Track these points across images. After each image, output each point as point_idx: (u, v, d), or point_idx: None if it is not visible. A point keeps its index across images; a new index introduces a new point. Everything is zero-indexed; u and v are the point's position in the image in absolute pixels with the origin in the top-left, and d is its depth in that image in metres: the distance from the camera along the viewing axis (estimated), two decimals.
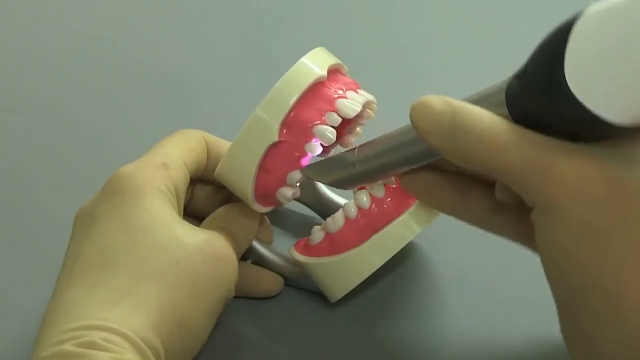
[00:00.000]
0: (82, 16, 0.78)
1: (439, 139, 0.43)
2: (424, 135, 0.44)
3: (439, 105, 0.43)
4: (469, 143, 0.42)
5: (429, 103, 0.44)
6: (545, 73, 0.39)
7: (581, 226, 0.40)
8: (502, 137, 0.41)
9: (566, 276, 0.41)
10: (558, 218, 0.40)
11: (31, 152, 0.66)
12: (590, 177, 0.40)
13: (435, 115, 0.43)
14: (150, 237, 0.48)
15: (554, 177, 0.40)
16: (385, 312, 0.55)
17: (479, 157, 0.42)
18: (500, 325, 0.54)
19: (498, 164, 0.41)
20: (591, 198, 0.39)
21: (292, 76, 0.51)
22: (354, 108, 0.51)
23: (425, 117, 0.43)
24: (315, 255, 0.54)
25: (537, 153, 0.40)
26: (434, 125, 0.43)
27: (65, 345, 0.43)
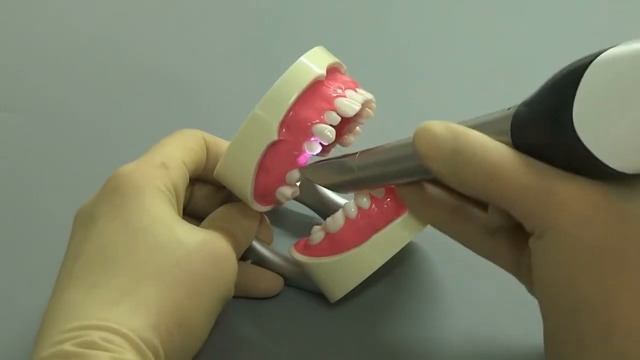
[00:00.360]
0: (82, 16, 0.78)
1: (440, 164, 0.44)
2: (426, 160, 0.44)
3: (441, 131, 0.44)
4: (469, 168, 0.43)
5: (431, 129, 0.44)
6: (554, 110, 0.40)
7: (579, 250, 0.40)
8: (503, 163, 0.42)
9: (557, 299, 0.41)
10: (557, 242, 0.41)
11: (31, 152, 0.66)
12: (591, 203, 0.40)
13: (437, 141, 0.44)
14: (150, 237, 0.48)
15: (555, 203, 0.40)
16: (385, 312, 0.55)
17: (479, 183, 0.42)
18: (500, 325, 0.54)
19: (498, 190, 0.42)
20: (591, 223, 0.40)
21: (291, 75, 0.51)
22: (353, 107, 0.51)
23: (428, 143, 0.44)
24: (315, 255, 0.54)
25: (539, 179, 0.41)
26: (436, 151, 0.44)
27: (65, 345, 0.43)
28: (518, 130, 0.42)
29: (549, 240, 0.41)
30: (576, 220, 0.40)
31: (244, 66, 0.73)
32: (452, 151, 0.43)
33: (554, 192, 0.40)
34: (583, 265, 0.40)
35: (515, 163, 0.42)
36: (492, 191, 0.42)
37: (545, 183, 0.41)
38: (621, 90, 0.38)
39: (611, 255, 0.40)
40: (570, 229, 0.40)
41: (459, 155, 0.43)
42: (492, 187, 0.42)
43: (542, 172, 0.41)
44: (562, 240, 0.40)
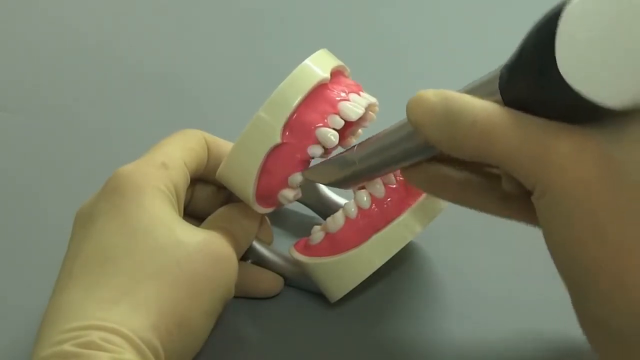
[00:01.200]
0: (82, 16, 0.78)
1: (435, 131, 0.44)
2: (419, 128, 0.44)
3: (433, 97, 0.44)
4: (462, 131, 0.42)
5: (422, 96, 0.44)
6: (537, 57, 0.40)
7: (581, 210, 0.40)
8: (495, 122, 0.41)
9: (573, 259, 0.41)
10: (558, 202, 0.40)
11: (31, 152, 0.66)
12: (585, 159, 0.40)
13: (430, 108, 0.44)
14: (150, 237, 0.48)
15: (551, 161, 0.40)
16: (385, 312, 0.55)
17: (474, 145, 0.42)
18: (500, 325, 0.54)
19: (493, 151, 0.42)
20: (587, 181, 0.40)
21: (295, 78, 0.51)
22: (356, 111, 0.51)
23: (421, 110, 0.44)
24: (315, 255, 0.54)
25: (532, 136, 0.41)
26: (429, 118, 0.44)
27: (64, 346, 0.43)
28: (506, 86, 0.42)
29: (551, 201, 0.41)
30: (575, 183, 0.40)
31: (246, 67, 0.73)
32: (444, 115, 0.43)
33: (550, 151, 0.40)
34: (588, 225, 0.40)
35: (506, 121, 0.41)
36: (487, 153, 0.42)
37: (539, 139, 0.40)
38: (600, 25, 0.38)
39: (610, 213, 0.39)
40: (569, 190, 0.40)
41: (451, 118, 0.43)
42: (487, 149, 0.42)
43: (535, 129, 0.41)
44: (563, 201, 0.40)
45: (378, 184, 0.53)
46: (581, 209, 0.40)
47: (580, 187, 0.40)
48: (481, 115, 0.42)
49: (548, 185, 0.40)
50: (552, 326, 0.54)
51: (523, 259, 0.58)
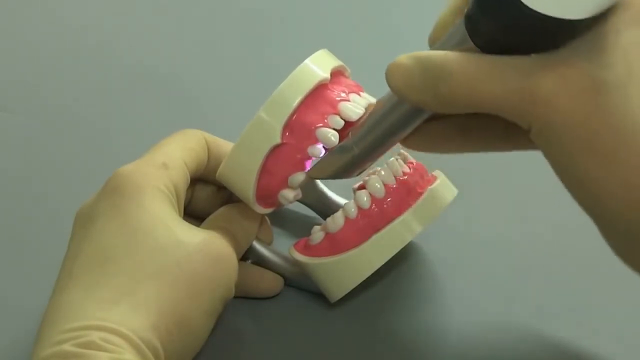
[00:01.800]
0: (82, 17, 0.78)
1: (416, 92, 0.44)
2: (402, 94, 0.44)
3: (407, 60, 0.44)
4: (443, 87, 0.43)
5: (397, 61, 0.44)
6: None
7: (579, 137, 0.40)
8: (472, 71, 0.42)
9: (582, 185, 0.41)
10: (555, 135, 0.41)
11: (31, 152, 0.66)
12: (570, 88, 0.40)
13: (406, 71, 0.44)
14: (150, 237, 0.48)
15: (539, 99, 0.40)
16: (385, 312, 0.55)
17: (458, 99, 0.42)
18: (500, 324, 0.54)
19: (479, 100, 0.42)
20: (577, 108, 0.40)
21: (296, 78, 0.51)
22: (356, 111, 0.51)
23: (398, 75, 0.44)
24: (315, 255, 0.54)
25: (513, 78, 0.41)
26: (408, 81, 0.44)
27: (64, 346, 0.43)
28: (473, 29, 0.42)
29: (548, 136, 0.41)
30: (566, 113, 0.40)
31: (245, 67, 0.73)
32: (421, 75, 0.43)
33: (534, 89, 0.40)
34: (588, 148, 0.40)
35: (483, 67, 0.42)
36: (474, 103, 0.42)
37: (522, 81, 0.41)
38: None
39: (608, 127, 0.40)
40: (562, 122, 0.40)
41: (428, 76, 0.43)
42: (472, 99, 0.42)
43: (514, 70, 0.41)
44: (559, 133, 0.41)
45: (378, 183, 0.53)
46: (578, 135, 0.40)
47: (572, 116, 0.40)
48: (457, 67, 0.42)
49: (541, 122, 0.41)
50: (552, 326, 0.54)
51: (523, 259, 0.58)
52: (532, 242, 0.59)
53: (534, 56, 0.41)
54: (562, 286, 0.56)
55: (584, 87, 0.40)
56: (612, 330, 0.54)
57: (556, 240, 0.59)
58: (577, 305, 0.55)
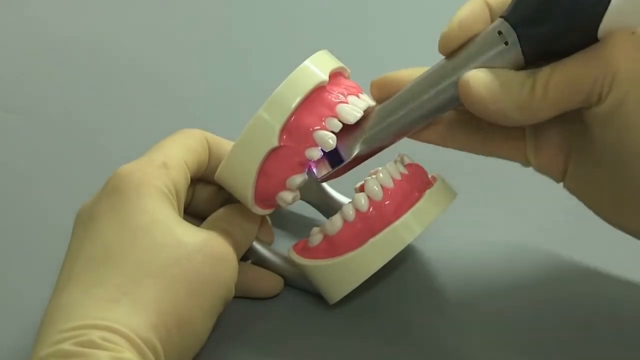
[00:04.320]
0: (82, 16, 0.78)
1: (500, 102, 0.47)
2: (484, 103, 0.47)
3: (485, 74, 0.47)
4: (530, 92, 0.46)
5: (473, 74, 0.47)
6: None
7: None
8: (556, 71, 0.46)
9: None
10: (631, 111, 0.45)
11: (31, 152, 0.66)
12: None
13: (488, 82, 0.47)
14: (150, 237, 0.48)
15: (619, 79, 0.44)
16: (385, 313, 0.55)
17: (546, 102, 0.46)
18: (500, 325, 0.54)
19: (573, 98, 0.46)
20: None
21: (294, 80, 0.51)
22: (354, 114, 0.51)
23: (480, 86, 0.47)
24: (313, 257, 0.54)
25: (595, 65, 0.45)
26: (491, 90, 0.47)
27: (64, 345, 0.43)
28: (526, 35, 0.46)
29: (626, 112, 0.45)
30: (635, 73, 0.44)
31: (245, 67, 0.73)
32: (506, 87, 0.46)
33: (608, 54, 0.44)
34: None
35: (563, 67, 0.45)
36: (572, 102, 0.46)
37: (599, 66, 0.44)
38: None
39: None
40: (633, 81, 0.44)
41: (514, 85, 0.46)
42: (572, 100, 0.46)
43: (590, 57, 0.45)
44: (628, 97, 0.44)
45: (376, 186, 0.53)
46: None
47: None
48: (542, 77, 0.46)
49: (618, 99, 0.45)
50: (552, 326, 0.54)
51: (523, 259, 0.58)
52: (531, 243, 0.59)
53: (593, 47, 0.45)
54: (562, 286, 0.56)
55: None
56: (612, 330, 0.54)
57: (556, 241, 0.59)
58: (577, 306, 0.55)
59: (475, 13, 0.48)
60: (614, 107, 0.45)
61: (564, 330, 0.54)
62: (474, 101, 0.47)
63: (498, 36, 0.47)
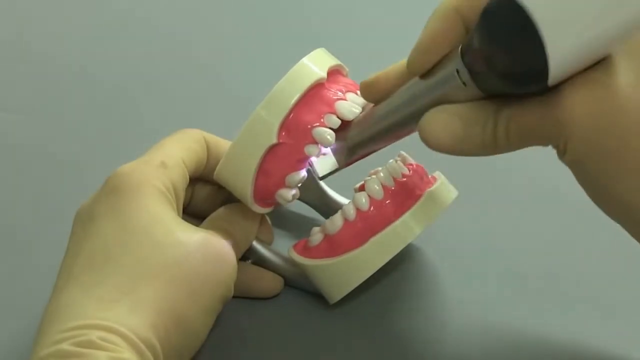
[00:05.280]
0: (82, 17, 0.78)
1: (461, 142, 0.44)
2: (445, 146, 0.45)
3: (445, 115, 0.44)
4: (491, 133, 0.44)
5: (431, 117, 0.45)
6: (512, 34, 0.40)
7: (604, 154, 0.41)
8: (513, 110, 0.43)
9: (612, 198, 0.43)
10: (583, 156, 0.42)
11: (31, 152, 0.66)
12: (593, 107, 0.41)
13: (448, 124, 0.44)
14: (149, 236, 0.48)
15: (566, 124, 0.41)
16: (385, 312, 0.55)
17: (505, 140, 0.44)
18: (500, 325, 0.54)
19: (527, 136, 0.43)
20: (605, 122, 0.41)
21: (293, 77, 0.51)
22: (353, 110, 0.51)
23: (439, 129, 0.45)
24: (313, 257, 0.54)
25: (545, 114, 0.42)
26: (452, 133, 0.44)
27: (63, 345, 0.43)
28: (480, 79, 0.42)
29: (577, 156, 0.42)
30: (587, 130, 0.41)
31: (244, 66, 0.73)
32: (466, 127, 0.44)
33: (560, 116, 0.41)
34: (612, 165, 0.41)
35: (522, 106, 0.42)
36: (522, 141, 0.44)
37: (551, 110, 0.41)
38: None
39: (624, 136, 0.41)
40: (586, 139, 0.41)
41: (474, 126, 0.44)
42: (535, 144, 0.43)
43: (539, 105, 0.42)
44: (585, 151, 0.42)
45: (377, 185, 0.53)
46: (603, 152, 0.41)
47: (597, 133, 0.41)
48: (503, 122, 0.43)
49: (571, 143, 0.42)
50: (552, 326, 0.54)
51: (523, 259, 0.58)
52: (531, 243, 0.59)
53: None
54: (562, 286, 0.56)
55: (603, 104, 0.41)
56: (612, 330, 0.54)
57: (556, 241, 0.59)
58: (577, 306, 0.55)
59: (437, 37, 0.45)
60: (573, 164, 0.43)
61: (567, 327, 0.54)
62: (436, 148, 0.45)
63: (456, 75, 0.43)
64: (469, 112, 0.44)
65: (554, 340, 0.53)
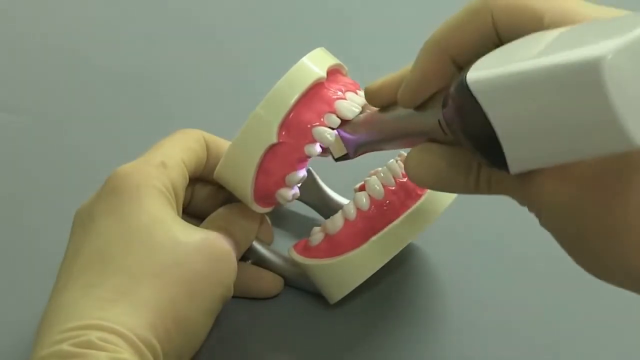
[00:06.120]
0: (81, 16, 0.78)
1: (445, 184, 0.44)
2: (429, 185, 0.45)
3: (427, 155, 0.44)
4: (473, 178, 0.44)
5: (414, 155, 0.45)
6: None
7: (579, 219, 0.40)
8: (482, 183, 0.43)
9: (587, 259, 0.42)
10: (555, 220, 0.41)
11: (31, 152, 0.66)
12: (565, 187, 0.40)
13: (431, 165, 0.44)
14: (148, 236, 0.48)
15: (535, 195, 0.41)
16: (385, 313, 0.55)
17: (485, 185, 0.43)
18: (500, 325, 0.54)
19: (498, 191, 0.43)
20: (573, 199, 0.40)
21: (293, 76, 0.51)
22: (352, 109, 0.51)
23: (423, 170, 0.44)
24: (314, 256, 0.54)
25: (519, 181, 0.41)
26: (435, 174, 0.44)
27: (63, 345, 0.43)
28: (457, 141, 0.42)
29: (547, 225, 0.42)
30: (558, 203, 0.40)
31: (243, 65, 0.73)
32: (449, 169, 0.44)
33: (531, 191, 0.41)
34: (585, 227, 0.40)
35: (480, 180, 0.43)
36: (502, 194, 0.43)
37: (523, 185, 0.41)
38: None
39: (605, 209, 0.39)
40: (556, 216, 0.41)
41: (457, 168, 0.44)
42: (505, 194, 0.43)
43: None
44: (558, 218, 0.41)
45: (377, 185, 0.53)
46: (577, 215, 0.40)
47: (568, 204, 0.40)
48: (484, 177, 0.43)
49: (539, 215, 0.41)
50: (552, 326, 0.54)
51: (522, 259, 0.58)
52: (531, 243, 0.59)
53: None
54: (561, 286, 0.56)
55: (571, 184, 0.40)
56: (612, 330, 0.54)
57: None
58: (577, 306, 0.55)
59: (427, 76, 0.44)
60: (549, 231, 0.42)
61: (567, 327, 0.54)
62: (420, 185, 0.46)
63: (438, 123, 0.43)
64: (453, 157, 0.43)
65: (554, 340, 0.53)
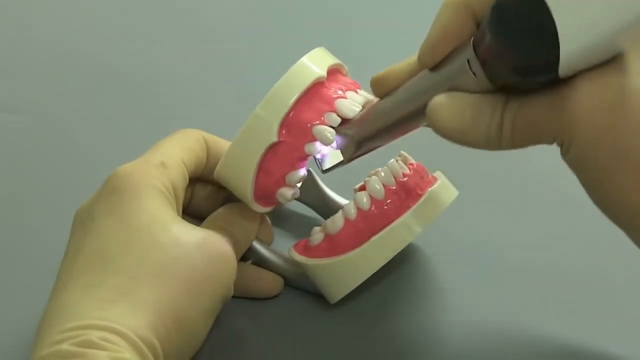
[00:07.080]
0: (81, 17, 0.78)
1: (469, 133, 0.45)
2: (452, 135, 0.45)
3: (454, 100, 0.45)
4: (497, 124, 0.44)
5: (440, 101, 0.45)
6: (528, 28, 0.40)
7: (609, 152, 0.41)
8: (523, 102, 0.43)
9: (613, 198, 0.42)
10: (586, 152, 0.42)
11: (31, 152, 0.66)
12: (601, 103, 0.41)
13: (457, 110, 0.45)
14: (149, 236, 0.48)
15: (569, 122, 0.41)
16: (385, 313, 0.55)
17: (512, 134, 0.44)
18: (499, 325, 0.54)
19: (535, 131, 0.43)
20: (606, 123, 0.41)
21: (292, 76, 0.51)
22: (353, 108, 0.51)
23: (448, 114, 0.45)
24: (314, 256, 0.54)
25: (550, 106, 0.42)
26: (460, 121, 0.45)
27: (63, 345, 0.43)
28: (494, 72, 0.43)
29: (579, 153, 0.42)
30: (594, 127, 0.41)
31: (243, 65, 0.73)
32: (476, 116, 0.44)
33: (568, 108, 0.41)
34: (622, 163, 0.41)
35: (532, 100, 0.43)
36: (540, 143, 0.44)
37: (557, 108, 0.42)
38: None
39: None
40: (594, 137, 0.41)
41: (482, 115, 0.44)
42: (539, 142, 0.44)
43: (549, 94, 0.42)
44: (592, 150, 0.41)
45: (378, 185, 0.53)
46: (609, 149, 0.41)
47: (601, 130, 0.41)
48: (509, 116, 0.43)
49: (574, 139, 0.42)
50: (552, 326, 0.54)
51: (522, 259, 0.58)
52: (532, 243, 0.59)
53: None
54: (561, 286, 0.56)
55: (612, 103, 0.41)
56: (612, 330, 0.54)
57: (556, 241, 0.59)
58: (576, 305, 0.55)
59: (448, 31, 0.45)
60: (575, 161, 0.43)
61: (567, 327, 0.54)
62: (443, 133, 0.45)
63: (467, 65, 0.44)
64: (478, 100, 0.44)
65: (554, 340, 0.53)
